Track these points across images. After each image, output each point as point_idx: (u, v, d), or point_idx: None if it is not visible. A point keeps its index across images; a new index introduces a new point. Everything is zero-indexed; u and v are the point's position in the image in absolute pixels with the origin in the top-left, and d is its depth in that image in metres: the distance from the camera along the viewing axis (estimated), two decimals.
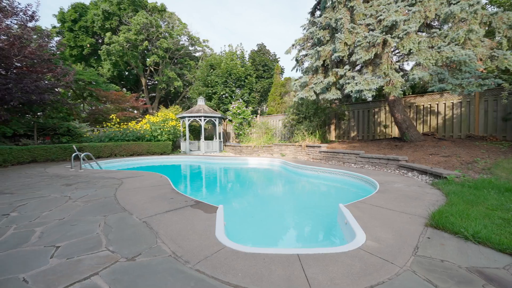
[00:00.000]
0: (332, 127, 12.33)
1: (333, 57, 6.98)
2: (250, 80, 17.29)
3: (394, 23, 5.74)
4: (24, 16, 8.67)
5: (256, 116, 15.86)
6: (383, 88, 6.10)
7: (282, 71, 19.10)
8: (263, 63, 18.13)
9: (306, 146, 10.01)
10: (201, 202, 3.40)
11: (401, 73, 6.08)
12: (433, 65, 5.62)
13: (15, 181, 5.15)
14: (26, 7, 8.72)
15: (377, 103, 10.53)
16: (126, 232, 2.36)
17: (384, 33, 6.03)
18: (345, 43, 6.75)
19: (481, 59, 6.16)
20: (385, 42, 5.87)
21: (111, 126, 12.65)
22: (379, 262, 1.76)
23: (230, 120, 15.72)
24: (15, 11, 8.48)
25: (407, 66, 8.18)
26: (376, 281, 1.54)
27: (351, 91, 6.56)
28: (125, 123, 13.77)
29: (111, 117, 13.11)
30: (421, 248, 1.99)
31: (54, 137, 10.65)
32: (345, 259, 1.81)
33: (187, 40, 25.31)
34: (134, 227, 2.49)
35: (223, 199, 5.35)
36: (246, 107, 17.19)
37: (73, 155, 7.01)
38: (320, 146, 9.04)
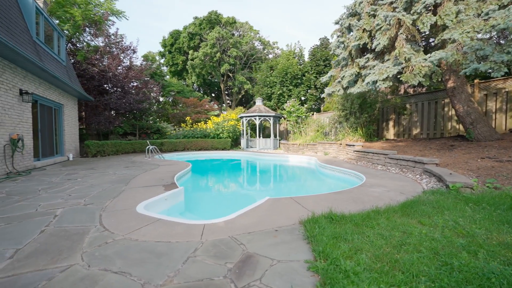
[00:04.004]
0: (391, 123, 10.53)
1: (351, 45, 6.36)
2: (307, 77, 16.99)
3: None
4: (129, 52, 12.71)
5: (312, 114, 15.53)
6: (399, 76, 5.09)
7: None
8: (324, 58, 17.30)
9: (346, 144, 9.23)
10: (174, 183, 4.46)
11: (429, 55, 4.83)
12: (470, 40, 4.25)
13: (107, 163, 8.03)
14: (130, 43, 12.75)
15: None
16: (105, 194, 3.73)
17: (403, 10, 5.04)
18: (364, 29, 6.02)
19: None
20: (399, 22, 4.92)
21: (185, 126, 16.03)
22: (194, 233, 2.20)
23: (286, 119, 16.14)
24: (125, 48, 12.58)
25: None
26: (168, 240, 2.05)
27: (368, 83, 5.81)
28: (197, 123, 17.01)
29: (186, 119, 16.60)
30: (243, 234, 2.20)
31: (149, 135, 14.82)
32: (180, 227, 2.35)
33: (259, 44, 27.47)
34: (113, 191, 3.85)
35: (207, 184, 6.58)
36: (303, 104, 17.04)
37: (147, 147, 9.83)
38: (354, 145, 8.19)
